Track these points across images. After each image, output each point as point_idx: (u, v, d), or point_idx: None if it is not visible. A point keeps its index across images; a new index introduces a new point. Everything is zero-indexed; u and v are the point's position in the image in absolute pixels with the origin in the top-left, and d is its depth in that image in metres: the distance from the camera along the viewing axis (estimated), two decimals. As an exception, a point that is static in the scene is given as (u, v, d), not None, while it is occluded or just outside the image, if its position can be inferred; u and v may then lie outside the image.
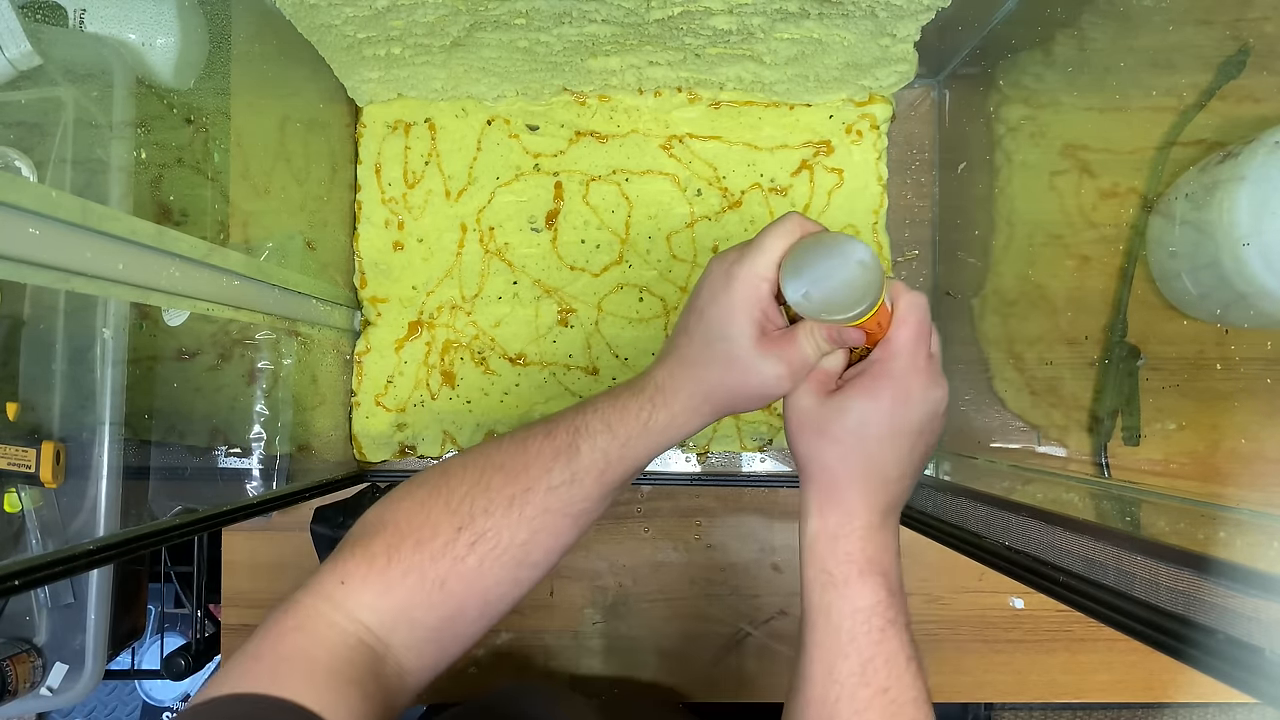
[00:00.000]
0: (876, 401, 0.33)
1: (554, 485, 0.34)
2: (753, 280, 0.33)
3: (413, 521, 0.34)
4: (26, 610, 0.60)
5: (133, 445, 0.56)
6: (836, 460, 0.34)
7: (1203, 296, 0.43)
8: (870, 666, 0.32)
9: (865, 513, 0.34)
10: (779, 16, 0.51)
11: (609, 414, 0.35)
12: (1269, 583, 0.25)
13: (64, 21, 0.50)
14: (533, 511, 0.34)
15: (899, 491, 0.35)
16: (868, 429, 0.33)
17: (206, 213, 0.56)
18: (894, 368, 0.33)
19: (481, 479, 0.34)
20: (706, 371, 0.35)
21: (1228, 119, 0.43)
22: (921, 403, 0.34)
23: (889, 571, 0.34)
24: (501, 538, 0.33)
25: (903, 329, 0.34)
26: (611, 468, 0.35)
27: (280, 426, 0.60)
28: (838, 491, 0.34)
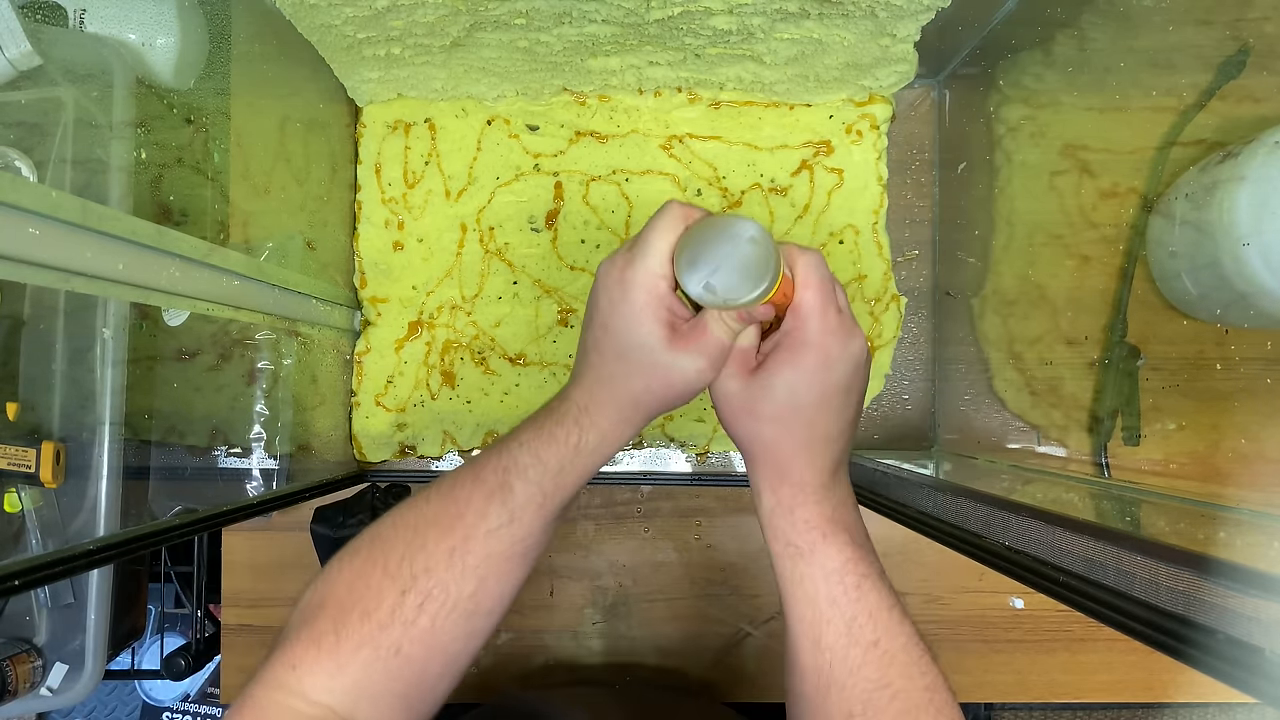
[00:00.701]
0: (800, 371, 0.33)
1: (492, 529, 0.33)
2: (649, 282, 0.33)
3: (354, 593, 0.33)
4: (26, 610, 0.60)
5: (133, 445, 0.56)
6: (775, 436, 0.34)
7: (1203, 296, 0.43)
8: (855, 625, 0.32)
9: (815, 477, 0.34)
10: (779, 16, 0.51)
11: (536, 445, 0.34)
12: (1269, 583, 0.25)
13: (64, 21, 0.50)
14: (475, 560, 0.33)
15: (841, 448, 0.35)
16: (798, 399, 0.33)
17: (206, 213, 0.56)
18: (808, 333, 0.33)
19: (416, 537, 0.33)
20: (627, 384, 0.34)
21: (1228, 119, 0.43)
22: (842, 360, 0.33)
23: (851, 526, 0.34)
24: (449, 593, 0.33)
25: (807, 292, 0.33)
26: (549, 499, 0.34)
27: (280, 426, 0.60)
28: (783, 465, 0.34)
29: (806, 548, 0.33)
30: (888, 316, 0.65)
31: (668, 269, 0.33)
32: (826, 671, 0.32)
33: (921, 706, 0.31)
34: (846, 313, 0.35)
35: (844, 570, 0.33)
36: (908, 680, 0.31)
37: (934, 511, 0.47)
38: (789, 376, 0.33)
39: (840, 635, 0.32)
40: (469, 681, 0.70)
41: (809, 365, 0.33)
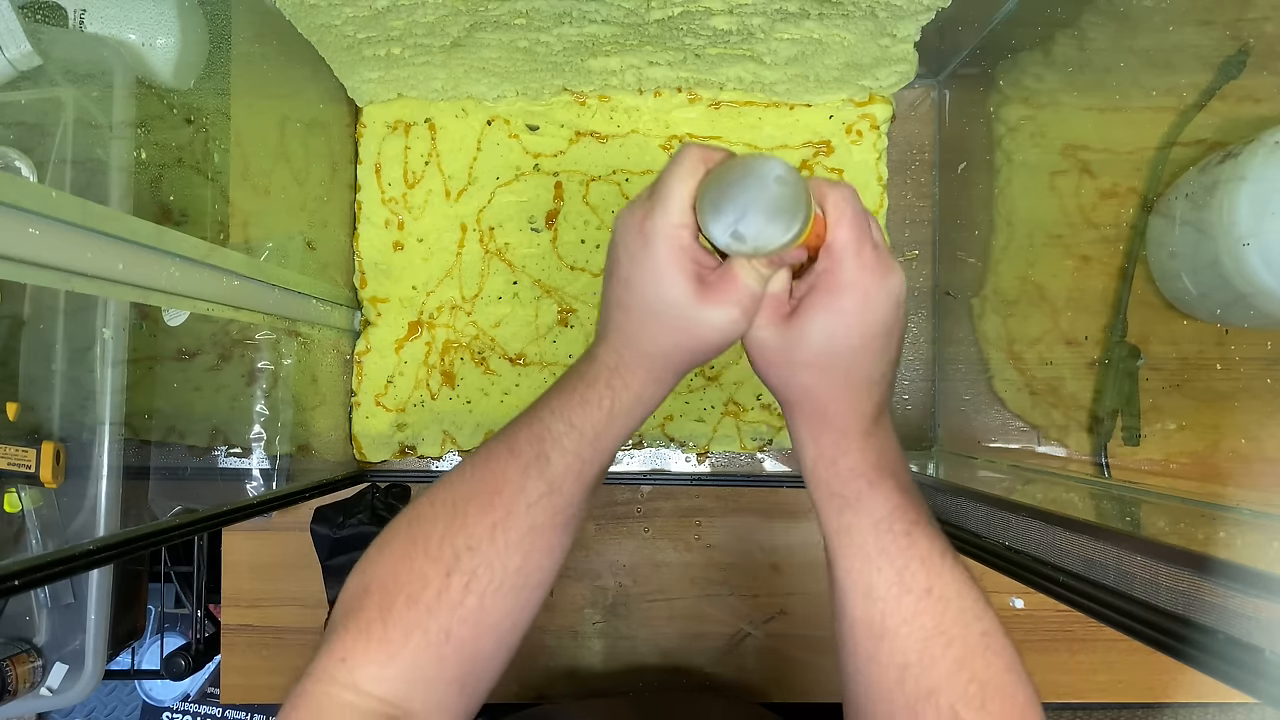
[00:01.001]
0: (838, 313, 0.31)
1: (532, 501, 0.32)
2: (671, 233, 0.31)
3: (398, 579, 0.32)
4: (26, 610, 0.60)
5: (133, 445, 0.56)
6: (815, 383, 0.32)
7: (1203, 296, 0.43)
8: (907, 572, 0.31)
9: (857, 424, 0.32)
10: (779, 17, 0.51)
11: (568, 412, 0.33)
12: (1269, 583, 0.25)
13: (64, 21, 0.50)
14: (518, 535, 0.32)
15: (883, 391, 0.33)
16: (837, 343, 0.31)
17: (206, 213, 0.56)
18: (845, 274, 0.31)
19: (455, 516, 0.32)
20: (656, 341, 0.32)
21: (1228, 119, 0.43)
22: (882, 299, 0.31)
23: (898, 472, 0.33)
24: (495, 570, 0.32)
25: (840, 229, 0.31)
26: (588, 465, 0.33)
27: (280, 426, 0.60)
28: (824, 413, 0.32)
29: (853, 497, 0.32)
30: (888, 316, 0.65)
31: (689, 217, 0.31)
32: (879, 622, 0.31)
33: (977, 652, 0.30)
34: (883, 248, 0.32)
35: (892, 517, 0.31)
36: (963, 627, 0.30)
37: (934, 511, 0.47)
38: (826, 320, 0.31)
39: (892, 584, 0.31)
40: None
41: (847, 307, 0.31)
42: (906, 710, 0.30)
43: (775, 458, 0.67)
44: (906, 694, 0.30)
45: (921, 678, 0.29)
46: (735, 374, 0.65)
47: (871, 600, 0.31)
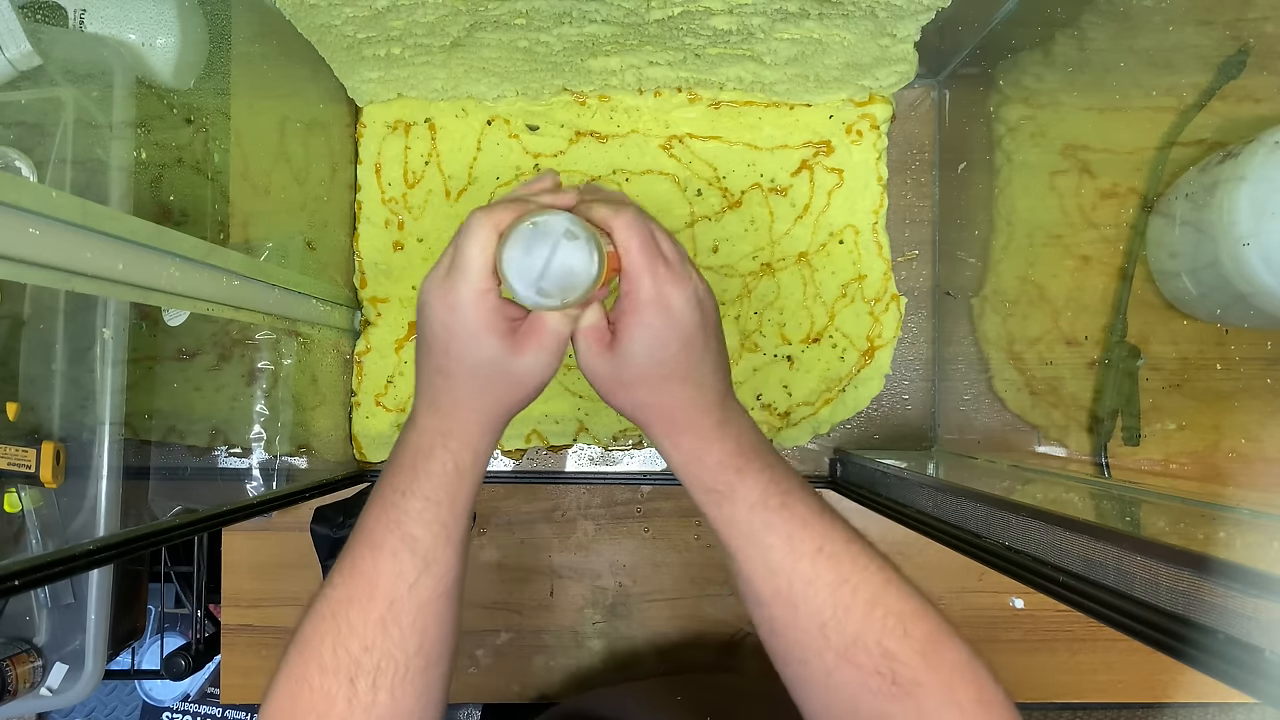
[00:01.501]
0: (649, 329, 0.33)
1: (413, 582, 0.33)
2: (476, 299, 0.33)
3: (299, 704, 0.32)
4: (26, 610, 0.60)
5: (133, 445, 0.56)
6: (655, 395, 0.34)
7: (1203, 296, 0.43)
8: (795, 539, 0.33)
9: (706, 418, 0.34)
10: (779, 16, 0.51)
11: (418, 487, 0.34)
12: (1269, 583, 0.25)
13: (64, 21, 0.50)
14: (409, 619, 0.33)
15: (719, 382, 0.36)
16: (658, 354, 0.33)
17: (206, 213, 0.56)
18: (644, 293, 0.33)
19: (340, 624, 0.33)
20: (482, 398, 0.34)
21: (1228, 119, 0.43)
22: (683, 306, 0.34)
23: (760, 451, 0.35)
24: (397, 660, 0.32)
25: (630, 256, 0.33)
26: (452, 528, 0.34)
27: (280, 426, 0.60)
28: (674, 419, 0.35)
29: (726, 487, 0.34)
30: (888, 316, 0.65)
31: (492, 280, 0.33)
32: (785, 591, 0.32)
33: (884, 588, 0.32)
34: (675, 257, 0.35)
35: (767, 494, 0.33)
36: (863, 571, 0.32)
37: (934, 511, 0.47)
38: (642, 337, 0.33)
39: (786, 554, 0.32)
40: (469, 681, 0.70)
41: (654, 321, 0.33)
42: (839, 662, 0.31)
43: (775, 458, 0.67)
44: (834, 647, 0.31)
45: (842, 627, 0.31)
46: (735, 374, 0.65)
47: (773, 572, 0.32)
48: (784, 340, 0.65)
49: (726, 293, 0.65)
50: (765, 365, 0.65)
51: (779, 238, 0.65)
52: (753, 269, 0.65)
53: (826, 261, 0.65)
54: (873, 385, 0.66)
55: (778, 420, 0.66)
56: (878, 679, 0.30)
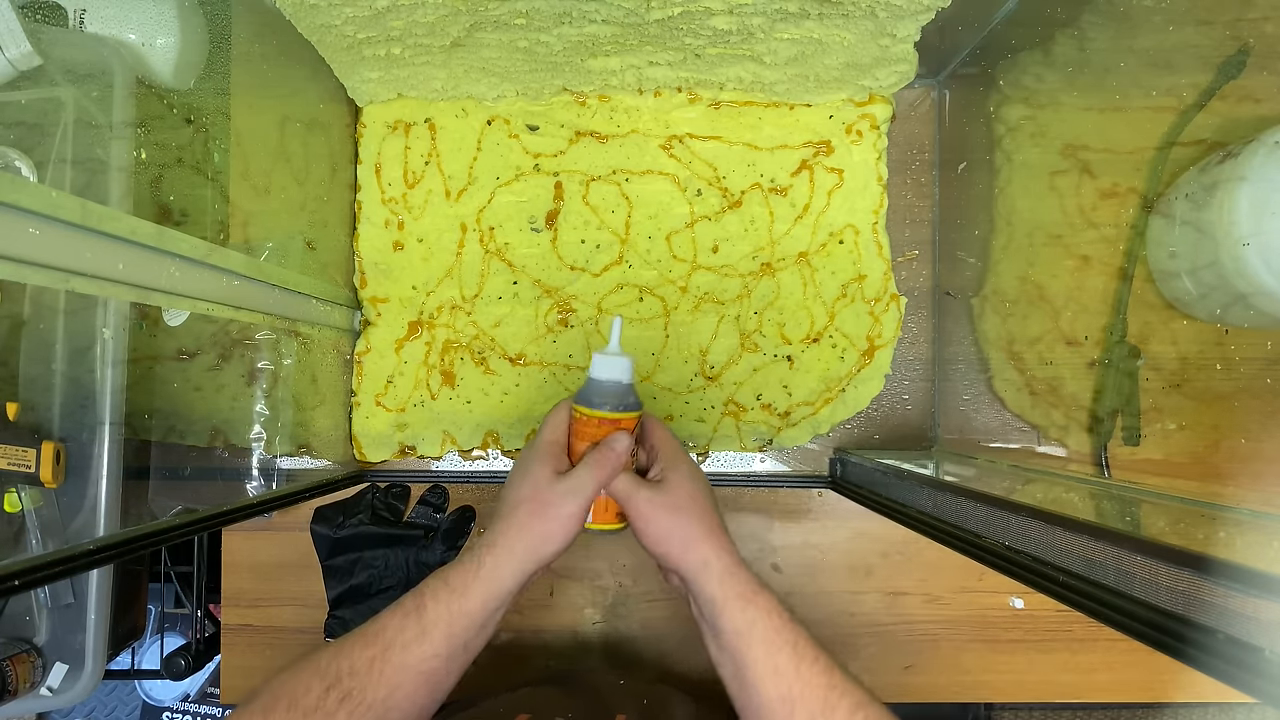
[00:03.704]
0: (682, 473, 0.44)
1: (406, 643, 0.39)
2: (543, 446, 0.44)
3: (286, 686, 0.38)
4: (26, 610, 0.60)
5: (133, 445, 0.56)
6: (697, 516, 0.43)
7: (1203, 296, 0.43)
8: (799, 646, 0.39)
9: (730, 542, 0.43)
10: (779, 17, 0.51)
11: (445, 573, 0.41)
12: (1269, 583, 0.25)
13: (64, 21, 0.50)
14: (391, 669, 0.39)
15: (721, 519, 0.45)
16: (693, 488, 0.44)
17: (206, 213, 0.56)
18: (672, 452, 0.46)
19: (344, 647, 0.39)
20: (518, 519, 0.42)
21: (1228, 119, 0.43)
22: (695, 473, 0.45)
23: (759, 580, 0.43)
24: (366, 695, 0.38)
25: (657, 432, 0.47)
26: (455, 620, 0.40)
27: (280, 426, 0.60)
28: (715, 536, 0.42)
29: (753, 594, 0.40)
30: (888, 316, 0.65)
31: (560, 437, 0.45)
32: (788, 693, 0.38)
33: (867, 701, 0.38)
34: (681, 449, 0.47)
35: (780, 606, 0.40)
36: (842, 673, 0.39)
37: (934, 511, 0.47)
38: (678, 478, 0.44)
39: (790, 658, 0.38)
40: (470, 681, 0.70)
41: (686, 470, 0.45)
42: None
43: (775, 458, 0.67)
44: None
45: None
46: (735, 374, 0.65)
47: (780, 676, 0.38)
48: (784, 340, 0.65)
49: (726, 293, 0.65)
50: (765, 365, 0.65)
51: (779, 238, 0.65)
52: (753, 269, 0.65)
53: (826, 261, 0.65)
54: (873, 385, 0.66)
55: (778, 420, 0.66)
56: None
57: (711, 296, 0.65)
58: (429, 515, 0.58)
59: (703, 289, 0.65)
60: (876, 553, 0.69)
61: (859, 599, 0.69)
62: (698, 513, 0.43)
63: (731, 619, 0.40)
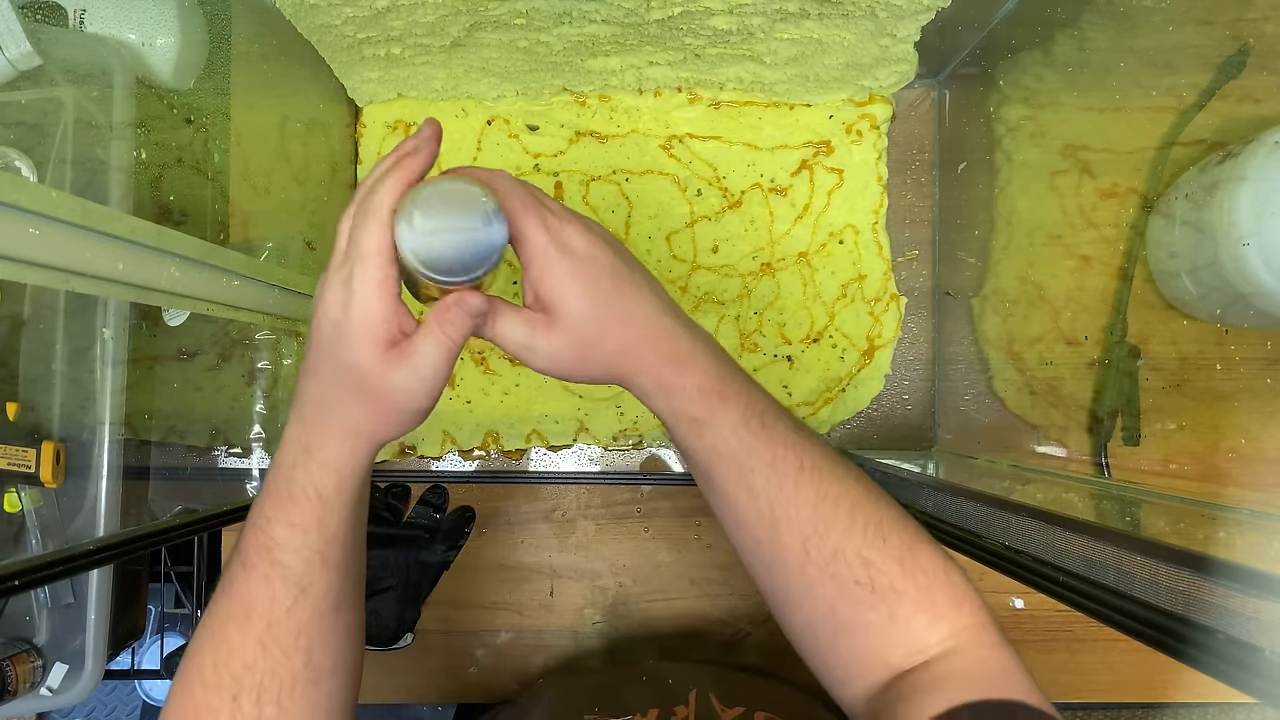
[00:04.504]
0: (572, 277, 0.31)
1: (289, 606, 0.31)
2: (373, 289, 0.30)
3: (185, 716, 0.31)
4: (26, 610, 0.60)
5: (133, 445, 0.56)
6: (618, 343, 0.33)
7: (1203, 296, 0.43)
8: (778, 459, 0.32)
9: (677, 346, 0.33)
10: (779, 17, 0.51)
11: (284, 512, 0.32)
12: (1269, 583, 0.25)
13: (64, 21, 0.50)
14: (289, 639, 0.32)
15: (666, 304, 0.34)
16: (596, 297, 0.32)
17: (206, 213, 0.56)
18: (547, 248, 0.31)
19: (220, 642, 0.32)
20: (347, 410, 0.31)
21: (1228, 119, 0.43)
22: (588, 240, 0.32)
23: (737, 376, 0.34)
24: (281, 676, 0.31)
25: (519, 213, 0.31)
26: (329, 549, 0.32)
27: (280, 426, 0.60)
28: (646, 356, 0.33)
29: (708, 414, 0.33)
30: (888, 316, 0.65)
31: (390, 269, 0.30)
32: (769, 512, 0.32)
33: (863, 500, 0.32)
34: (557, 206, 0.34)
35: (748, 418, 0.32)
36: (842, 484, 0.32)
37: (934, 511, 0.47)
38: (570, 288, 0.31)
39: (769, 475, 0.32)
40: (469, 681, 0.70)
41: (571, 267, 0.31)
42: (820, 575, 0.31)
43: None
44: (815, 561, 0.31)
45: (824, 541, 0.31)
46: (735, 374, 0.65)
47: (755, 496, 0.32)
48: (784, 340, 0.65)
49: (726, 293, 0.65)
50: (765, 365, 0.65)
51: (779, 238, 0.65)
52: (753, 269, 0.65)
53: (826, 261, 0.65)
54: (873, 385, 0.66)
55: (778, 420, 0.66)
56: (857, 588, 0.31)
57: (711, 297, 0.65)
58: (429, 515, 0.58)
59: (703, 289, 0.65)
60: (876, 553, 0.69)
61: (859, 599, 0.69)
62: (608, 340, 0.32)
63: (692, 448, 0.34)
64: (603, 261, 0.32)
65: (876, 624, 0.31)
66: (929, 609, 0.31)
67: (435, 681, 0.69)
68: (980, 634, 0.32)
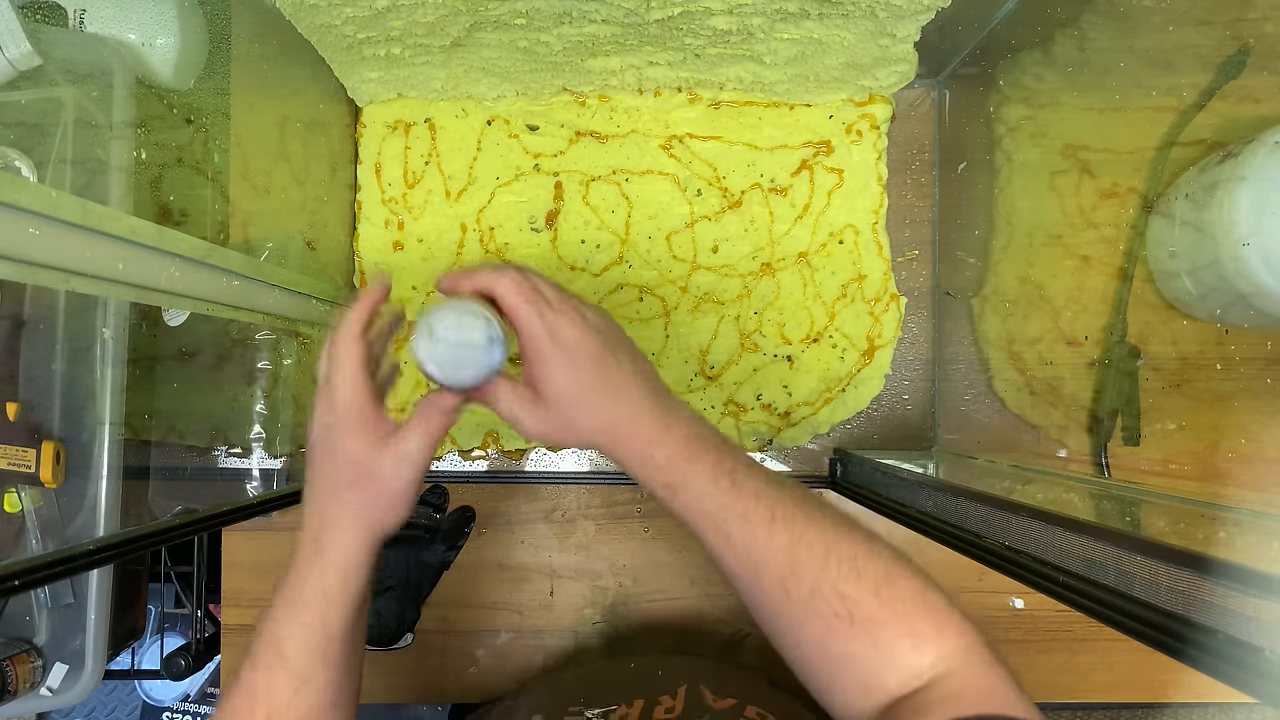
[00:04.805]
0: (560, 366, 0.36)
1: (289, 699, 0.35)
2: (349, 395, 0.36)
3: None
4: (26, 610, 0.60)
5: (133, 445, 0.56)
6: (594, 420, 0.37)
7: (1203, 296, 0.43)
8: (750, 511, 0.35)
9: (651, 423, 0.36)
10: (779, 17, 0.51)
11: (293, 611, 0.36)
12: (1269, 583, 0.25)
13: (64, 21, 0.50)
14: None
15: (646, 386, 0.38)
16: (578, 382, 0.36)
17: (206, 213, 0.56)
18: (541, 339, 0.36)
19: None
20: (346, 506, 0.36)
21: (1228, 119, 0.43)
22: (580, 333, 0.36)
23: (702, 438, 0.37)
24: None
25: (518, 311, 0.36)
26: (328, 648, 0.36)
27: (280, 426, 0.60)
28: (618, 433, 0.37)
29: (680, 478, 0.36)
30: (888, 316, 0.65)
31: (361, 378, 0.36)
32: (747, 559, 0.34)
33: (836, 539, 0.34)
34: (555, 297, 0.38)
35: (716, 479, 0.35)
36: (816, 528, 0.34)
37: (934, 511, 0.47)
38: (555, 375, 0.36)
39: (741, 528, 0.34)
40: (470, 681, 0.70)
41: (560, 357, 0.36)
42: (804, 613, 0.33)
43: (775, 458, 0.67)
44: (796, 600, 0.33)
45: (800, 581, 0.33)
46: (735, 374, 0.65)
47: (733, 545, 0.35)
48: (784, 340, 0.65)
49: (726, 293, 0.65)
50: (765, 365, 0.65)
51: (779, 238, 0.65)
52: (752, 269, 0.65)
53: (826, 261, 0.65)
54: (873, 385, 0.66)
55: (778, 420, 0.66)
56: (837, 621, 0.33)
57: (711, 296, 0.65)
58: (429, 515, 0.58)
59: (703, 289, 0.65)
60: (876, 553, 0.69)
61: (859, 599, 0.69)
62: (588, 420, 0.37)
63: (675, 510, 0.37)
64: (588, 351, 0.36)
65: (862, 653, 0.32)
66: (909, 634, 0.32)
67: (435, 681, 0.69)
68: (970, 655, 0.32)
